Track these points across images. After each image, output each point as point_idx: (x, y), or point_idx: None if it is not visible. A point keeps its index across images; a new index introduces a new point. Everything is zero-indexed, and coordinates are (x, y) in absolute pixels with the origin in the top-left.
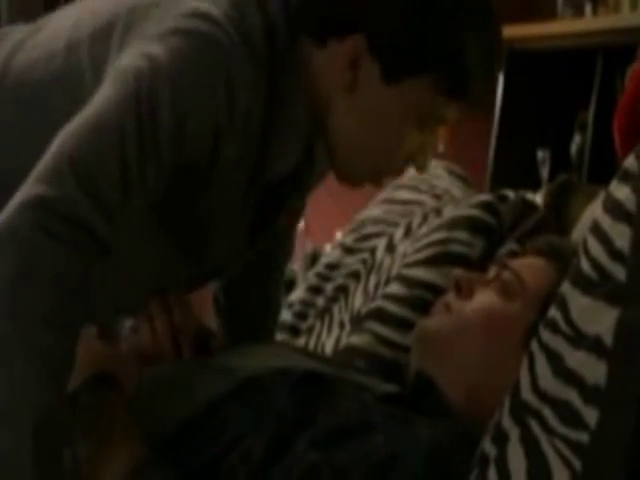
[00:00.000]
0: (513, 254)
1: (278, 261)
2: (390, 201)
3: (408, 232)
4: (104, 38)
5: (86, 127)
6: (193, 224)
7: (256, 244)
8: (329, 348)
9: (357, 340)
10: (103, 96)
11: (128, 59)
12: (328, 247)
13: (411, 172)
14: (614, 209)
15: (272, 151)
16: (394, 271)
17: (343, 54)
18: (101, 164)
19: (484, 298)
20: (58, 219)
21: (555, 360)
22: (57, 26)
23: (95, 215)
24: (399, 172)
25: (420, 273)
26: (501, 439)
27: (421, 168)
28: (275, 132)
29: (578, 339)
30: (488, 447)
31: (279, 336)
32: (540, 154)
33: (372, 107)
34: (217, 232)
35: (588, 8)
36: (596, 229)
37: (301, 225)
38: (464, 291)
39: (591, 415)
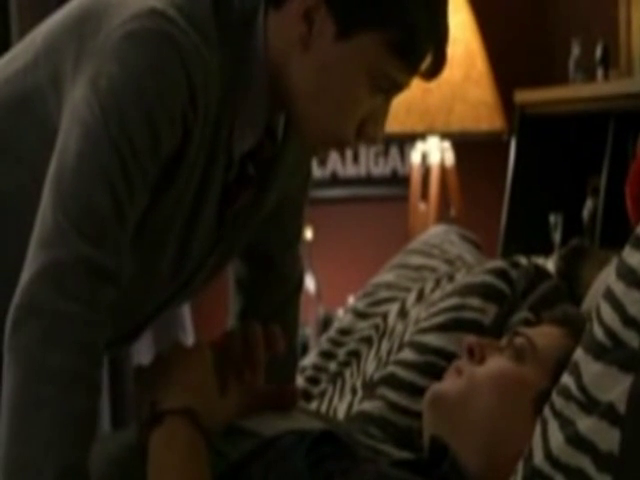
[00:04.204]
0: (527, 323)
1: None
2: (403, 266)
3: (420, 297)
4: (58, 54)
5: (71, 175)
6: (163, 224)
7: (227, 231)
8: (341, 413)
9: (369, 406)
10: (76, 136)
11: (88, 87)
12: (340, 312)
13: (423, 237)
14: (627, 275)
15: (235, 125)
16: (406, 337)
17: (298, 5)
18: (95, 208)
19: (495, 362)
20: (73, 279)
21: (567, 427)
22: (16, 49)
23: (105, 258)
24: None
25: (432, 339)
26: None
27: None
28: (236, 106)
29: (590, 405)
30: None
31: None
32: (552, 218)
33: (325, 64)
34: (188, 225)
35: (600, 73)
36: (609, 295)
37: (313, 290)
38: (476, 356)
39: None
